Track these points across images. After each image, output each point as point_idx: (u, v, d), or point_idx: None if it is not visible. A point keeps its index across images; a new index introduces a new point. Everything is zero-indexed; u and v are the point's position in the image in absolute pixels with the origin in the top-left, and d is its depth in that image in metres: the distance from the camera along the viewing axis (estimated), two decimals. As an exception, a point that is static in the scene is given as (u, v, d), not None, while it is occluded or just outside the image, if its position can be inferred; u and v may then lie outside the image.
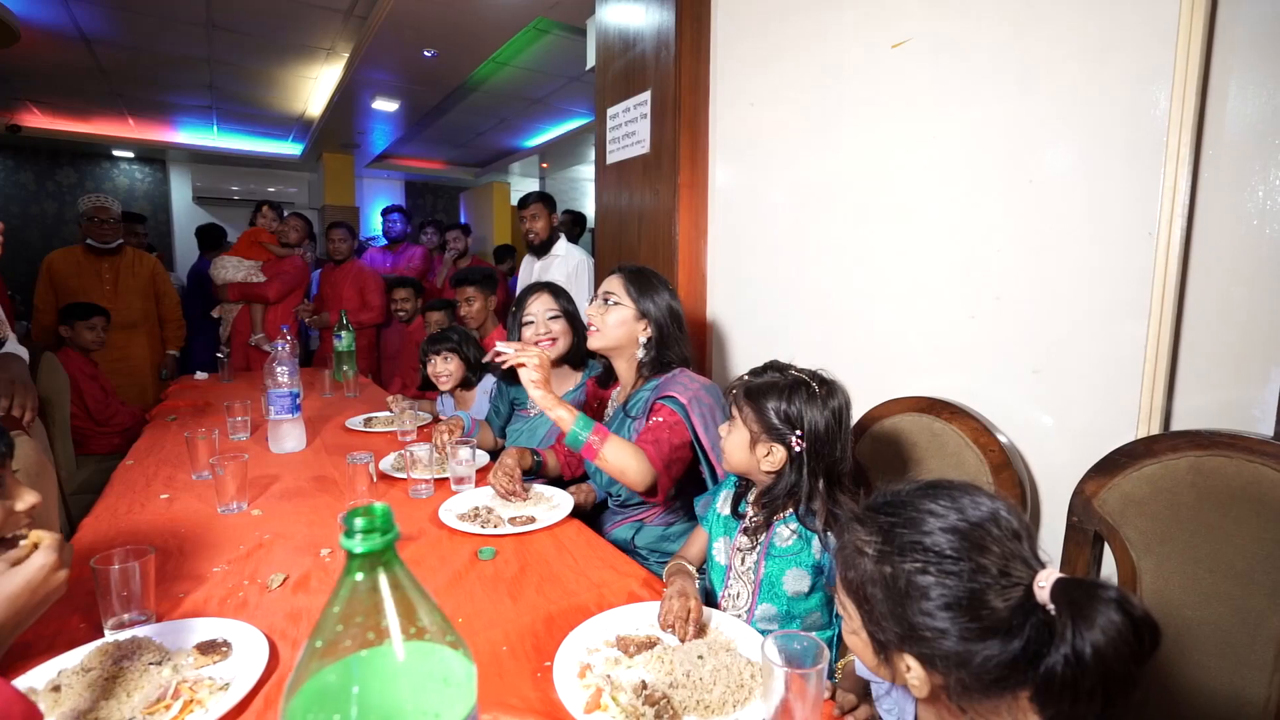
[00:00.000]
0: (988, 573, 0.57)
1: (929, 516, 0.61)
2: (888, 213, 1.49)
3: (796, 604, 1.03)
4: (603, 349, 1.46)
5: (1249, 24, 0.98)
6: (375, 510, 0.39)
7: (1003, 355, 1.28)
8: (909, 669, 0.60)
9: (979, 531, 0.59)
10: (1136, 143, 1.08)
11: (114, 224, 3.13)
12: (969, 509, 0.60)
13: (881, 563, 0.61)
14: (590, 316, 1.45)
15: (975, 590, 0.56)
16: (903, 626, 0.59)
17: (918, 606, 0.58)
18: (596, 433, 1.24)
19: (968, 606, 0.56)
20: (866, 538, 0.63)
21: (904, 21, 1.42)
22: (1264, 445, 0.90)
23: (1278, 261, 0.95)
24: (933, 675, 0.59)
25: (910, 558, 0.59)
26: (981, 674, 0.56)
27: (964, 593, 0.56)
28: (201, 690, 0.79)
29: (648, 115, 2.17)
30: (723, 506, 1.15)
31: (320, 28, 3.85)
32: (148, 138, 6.36)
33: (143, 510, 1.39)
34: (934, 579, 0.57)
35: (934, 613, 0.57)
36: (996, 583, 0.56)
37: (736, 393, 1.08)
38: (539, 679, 0.83)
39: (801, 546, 1.03)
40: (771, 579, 1.04)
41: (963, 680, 0.57)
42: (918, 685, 0.60)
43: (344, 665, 0.38)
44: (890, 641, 0.61)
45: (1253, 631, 0.89)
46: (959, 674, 0.57)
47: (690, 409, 1.30)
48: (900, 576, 0.59)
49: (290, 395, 1.83)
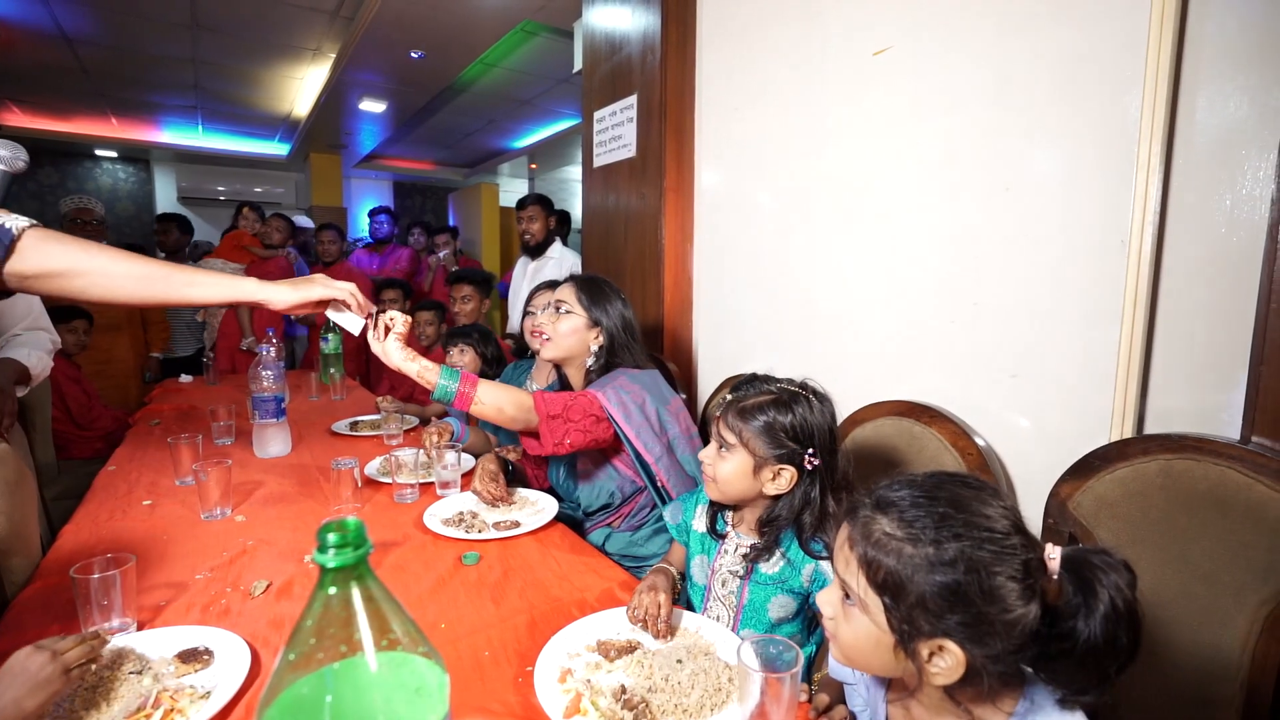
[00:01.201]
0: (1011, 539, 0.60)
1: (973, 501, 0.62)
2: (869, 218, 1.51)
3: (780, 629, 1.03)
4: (554, 359, 1.45)
5: (1216, 37, 1.01)
6: (348, 525, 0.40)
7: (981, 360, 1.30)
8: (937, 654, 0.60)
9: (1016, 513, 0.63)
10: (1109, 152, 1.10)
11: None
12: (990, 492, 0.64)
13: (919, 545, 0.60)
14: (542, 325, 1.44)
15: (1027, 563, 0.59)
16: (959, 610, 0.58)
17: (984, 586, 0.58)
18: (464, 382, 1.19)
19: (1022, 579, 0.58)
20: (894, 526, 0.63)
21: (884, 30, 1.44)
22: (1230, 449, 0.92)
23: (1245, 269, 0.98)
24: (969, 656, 0.59)
25: (970, 539, 0.59)
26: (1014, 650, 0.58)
27: (1020, 567, 0.59)
28: (182, 699, 0.79)
29: (634, 119, 2.18)
30: (698, 523, 1.13)
31: (306, 28, 3.83)
32: (131, 137, 6.30)
33: (124, 517, 1.38)
34: (998, 555, 0.59)
35: (1003, 588, 0.58)
36: (1022, 554, 0.59)
37: (730, 415, 1.00)
38: (520, 684, 0.84)
39: (790, 574, 0.99)
40: (755, 606, 1.02)
41: (993, 657, 0.59)
42: (947, 670, 0.60)
43: (317, 677, 0.39)
44: (925, 628, 0.60)
45: (1219, 630, 0.91)
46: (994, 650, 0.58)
47: (605, 399, 1.29)
48: (962, 559, 0.59)
49: (275, 399, 1.83)
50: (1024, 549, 0.60)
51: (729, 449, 1.00)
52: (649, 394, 1.35)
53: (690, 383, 2.14)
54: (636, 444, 1.31)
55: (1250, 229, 0.98)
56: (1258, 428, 0.93)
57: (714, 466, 1.02)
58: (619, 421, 1.30)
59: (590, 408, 1.29)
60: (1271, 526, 0.87)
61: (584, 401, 1.30)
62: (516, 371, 2.01)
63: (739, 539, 1.06)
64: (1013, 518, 0.62)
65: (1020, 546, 0.60)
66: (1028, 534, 0.62)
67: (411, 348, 1.18)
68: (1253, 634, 0.89)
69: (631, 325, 1.45)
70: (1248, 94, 0.98)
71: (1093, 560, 0.58)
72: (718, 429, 1.02)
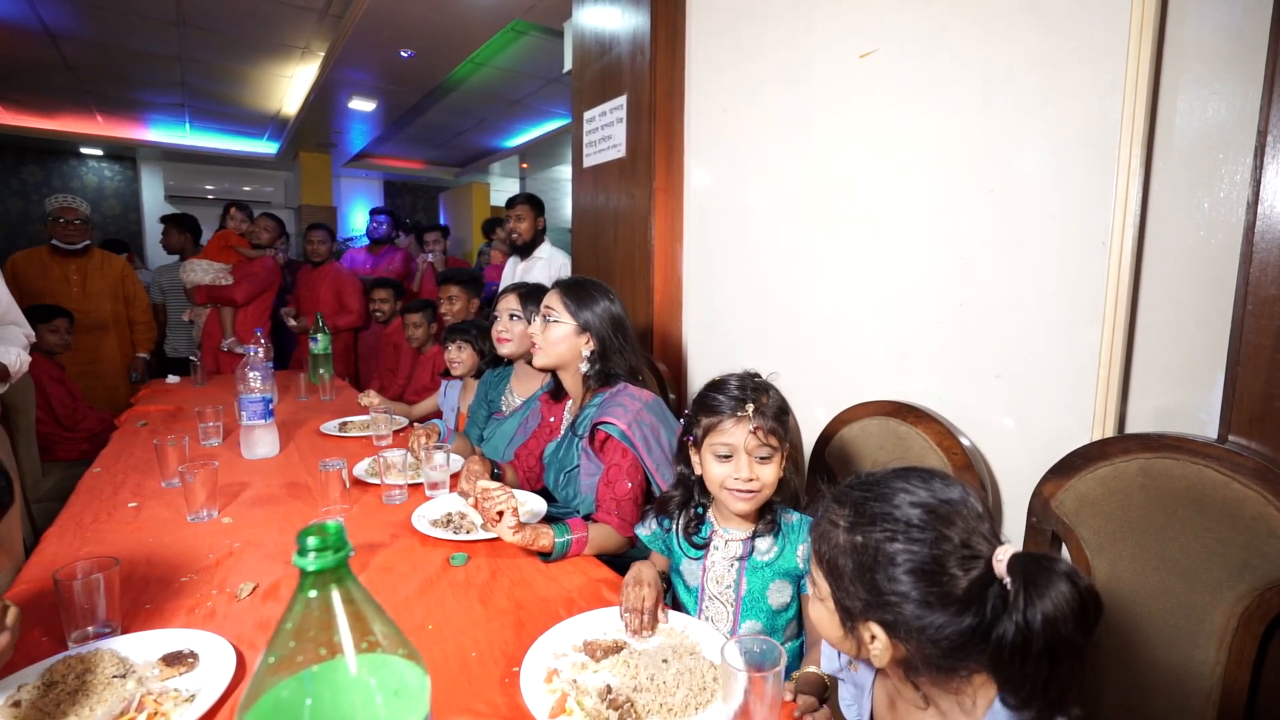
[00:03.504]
0: (950, 542, 0.61)
1: (900, 492, 0.65)
2: (856, 219, 1.52)
3: (780, 617, 1.04)
4: (546, 367, 1.47)
5: (1195, 42, 1.02)
6: (328, 528, 0.40)
7: (966, 360, 1.32)
8: (873, 638, 0.64)
9: (946, 507, 0.63)
10: (1090, 154, 1.12)
11: (81, 225, 3.07)
12: (939, 489, 0.65)
13: (853, 532, 0.65)
14: (532, 335, 1.46)
15: (938, 557, 0.60)
16: (870, 593, 0.62)
17: (885, 573, 0.61)
18: (574, 531, 1.22)
19: (930, 573, 0.60)
20: (840, 512, 0.67)
21: (871, 32, 1.45)
22: (1207, 448, 0.94)
23: (1222, 271, 0.99)
24: (895, 645, 0.62)
25: (880, 527, 0.63)
26: (940, 641, 0.60)
27: (928, 559, 0.60)
28: (166, 702, 0.78)
29: (624, 119, 2.18)
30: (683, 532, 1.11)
31: (294, 26, 3.81)
32: (117, 135, 6.23)
33: (109, 519, 1.37)
34: (901, 546, 0.61)
35: (899, 578, 0.61)
36: (957, 552, 0.60)
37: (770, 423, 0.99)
38: (506, 684, 0.84)
39: (785, 556, 1.03)
40: (755, 594, 1.03)
41: (923, 648, 0.61)
42: (879, 654, 0.63)
43: (297, 680, 0.39)
44: (857, 610, 0.64)
45: (1196, 626, 0.93)
46: (920, 641, 0.61)
47: (632, 435, 1.31)
48: (870, 545, 0.63)
49: (263, 400, 1.82)
50: (961, 546, 0.60)
51: (773, 453, 1.01)
52: (663, 426, 1.37)
53: (680, 382, 2.14)
54: (656, 476, 1.33)
55: (1228, 231, 0.99)
56: (1234, 427, 0.94)
57: (759, 478, 1.00)
58: (644, 458, 1.32)
59: (635, 471, 1.32)
60: (1247, 524, 0.89)
61: (631, 473, 1.32)
62: (496, 379, 2.00)
63: (728, 534, 1.07)
64: (964, 514, 0.62)
65: (957, 543, 0.60)
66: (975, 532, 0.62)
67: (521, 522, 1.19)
68: (1229, 629, 0.90)
69: (622, 324, 1.44)
70: (1225, 98, 0.99)
71: (1031, 569, 0.56)
72: (760, 439, 0.99)
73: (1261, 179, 0.90)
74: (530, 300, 1.79)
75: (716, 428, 1.01)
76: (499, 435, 1.84)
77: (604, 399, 1.39)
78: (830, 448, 1.48)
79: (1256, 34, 0.94)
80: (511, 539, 1.16)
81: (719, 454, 1.01)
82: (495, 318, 1.83)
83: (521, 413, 1.82)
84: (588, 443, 1.38)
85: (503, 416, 1.89)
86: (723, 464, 1.01)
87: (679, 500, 1.12)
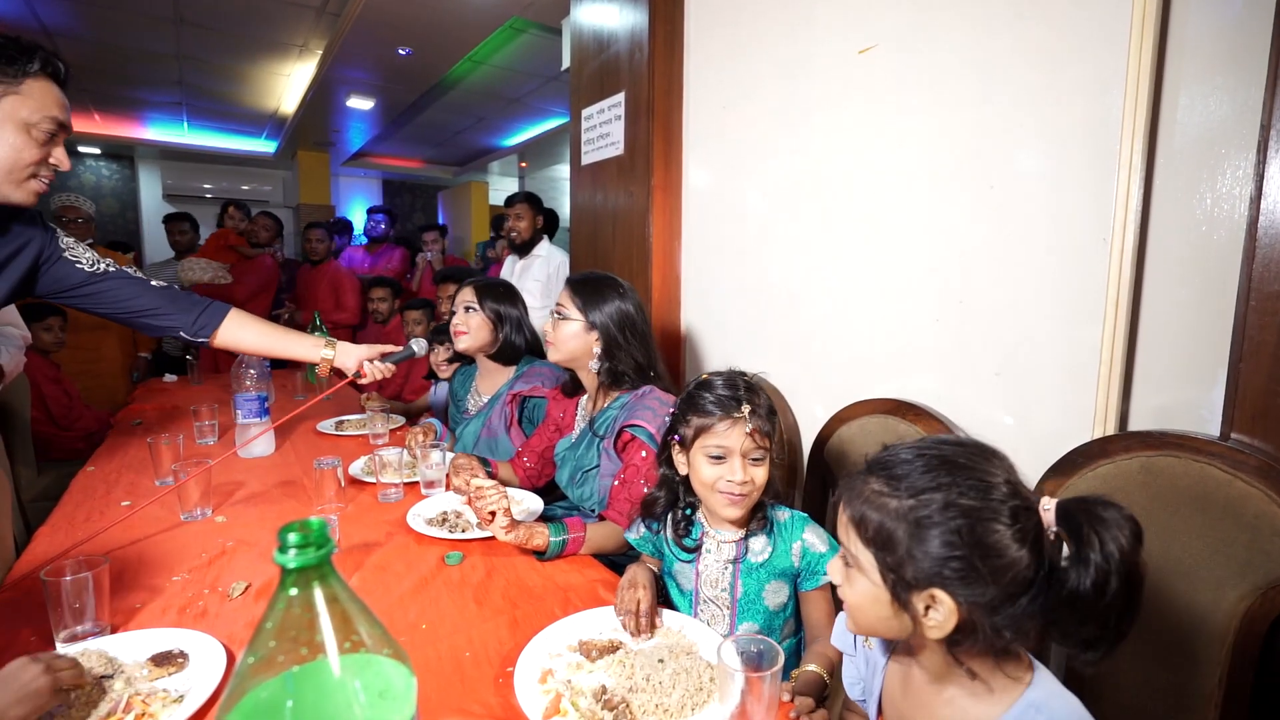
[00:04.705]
0: (999, 490, 0.60)
1: (930, 451, 0.64)
2: (855, 215, 1.50)
3: (777, 617, 1.03)
4: (560, 362, 1.47)
5: (1197, 37, 1.01)
6: (310, 524, 0.39)
7: (966, 358, 1.30)
8: (929, 608, 0.61)
9: (982, 461, 0.63)
10: (1091, 150, 1.10)
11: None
12: (970, 445, 0.65)
13: (905, 496, 0.62)
14: (545, 332, 1.46)
15: (994, 508, 0.59)
16: (930, 556, 0.60)
17: (944, 531, 0.59)
18: (572, 531, 1.21)
19: (991, 523, 0.59)
20: (881, 482, 0.65)
21: (870, 28, 1.44)
22: (1210, 445, 0.93)
23: (1225, 267, 0.98)
24: (959, 609, 0.60)
25: (928, 488, 0.61)
26: (1009, 599, 0.58)
27: (987, 511, 0.59)
28: (155, 703, 0.77)
29: (622, 116, 2.17)
30: (673, 535, 1.09)
31: (292, 24, 3.80)
32: (115, 134, 6.23)
33: (102, 518, 1.36)
34: (960, 500, 0.60)
35: (963, 532, 0.59)
36: (1009, 501, 0.60)
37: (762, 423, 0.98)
38: (500, 685, 0.83)
39: (779, 555, 1.01)
40: (751, 596, 1.02)
41: (989, 608, 0.59)
42: (940, 623, 0.61)
43: (278, 681, 0.38)
44: (918, 578, 0.61)
45: (1198, 625, 0.92)
46: (986, 600, 0.58)
47: (660, 438, 1.29)
48: (924, 506, 0.61)
49: (258, 399, 1.81)
50: (1011, 496, 0.60)
51: (765, 453, 1.00)
52: None
53: (678, 380, 2.13)
54: None
55: (1230, 227, 0.98)
56: (1237, 425, 0.93)
57: (752, 479, 0.99)
58: None
59: (644, 466, 1.29)
60: (1250, 523, 0.88)
61: (642, 469, 1.29)
62: (464, 378, 1.98)
63: (719, 535, 1.06)
64: (1004, 472, 0.62)
65: (1007, 494, 0.60)
66: (1020, 486, 0.62)
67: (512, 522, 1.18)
68: (1232, 628, 0.89)
69: (632, 322, 1.41)
70: (1227, 93, 0.98)
71: (1089, 510, 0.57)
72: (755, 441, 0.98)
73: (1264, 174, 0.89)
74: (487, 294, 1.78)
75: (710, 429, 0.99)
76: (466, 434, 1.83)
77: (629, 401, 1.38)
78: (829, 446, 1.47)
79: (1258, 28, 0.93)
80: (505, 538, 1.15)
81: (711, 455, 0.99)
82: (452, 311, 1.82)
83: (486, 411, 1.81)
84: (610, 444, 1.37)
85: (469, 416, 1.88)
86: (715, 465, 0.99)
87: (664, 502, 1.10)
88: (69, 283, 1.31)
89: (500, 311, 1.78)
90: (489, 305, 1.77)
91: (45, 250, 1.28)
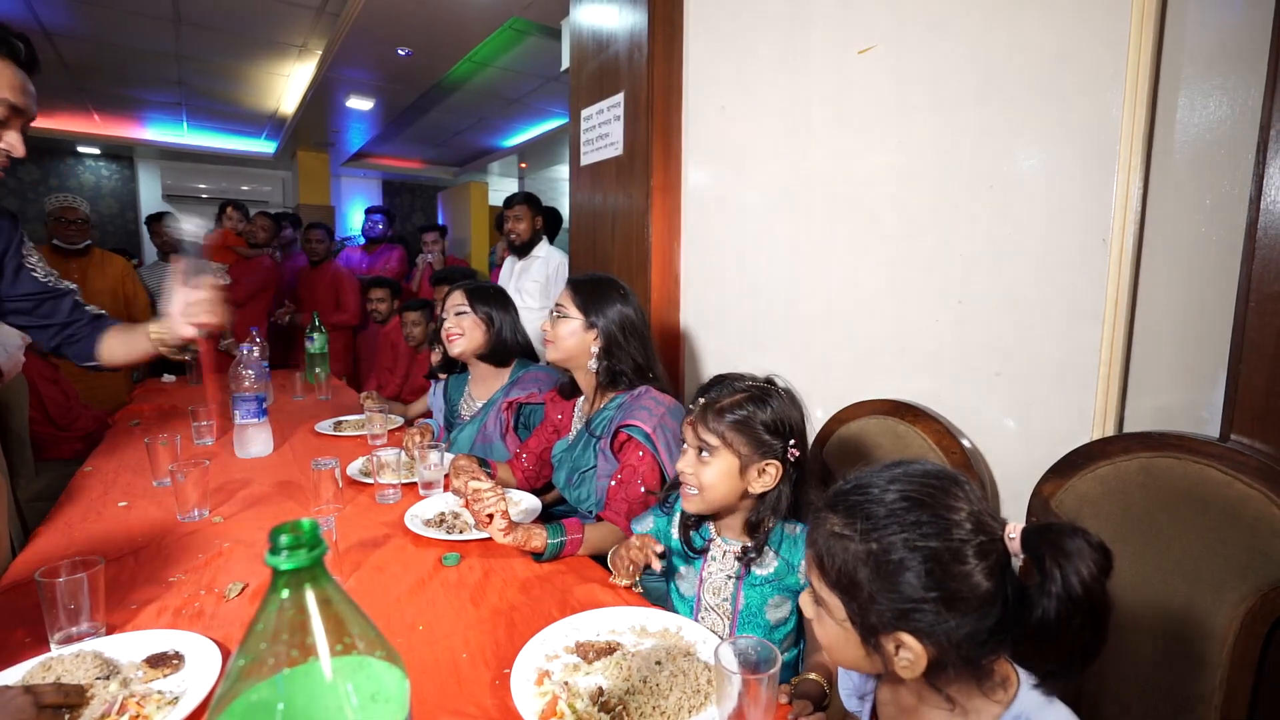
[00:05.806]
0: (962, 529, 0.59)
1: (892, 487, 0.62)
2: (855, 216, 1.50)
3: (777, 631, 1.02)
4: (558, 361, 1.47)
5: (1196, 38, 1.01)
6: (301, 525, 0.38)
7: (966, 359, 1.30)
8: (902, 647, 0.60)
9: (944, 496, 0.61)
10: (1091, 150, 1.10)
11: (81, 224, 3.06)
12: (932, 477, 0.63)
13: (866, 540, 0.61)
14: (544, 330, 1.46)
15: (955, 549, 0.58)
16: (895, 600, 0.59)
17: (909, 574, 0.58)
18: (570, 532, 1.20)
19: (953, 565, 0.57)
20: (842, 521, 0.63)
21: (869, 28, 1.44)
22: (1209, 446, 0.92)
23: (1224, 268, 0.98)
24: (928, 648, 0.59)
25: (889, 529, 0.60)
26: (976, 634, 0.58)
27: (945, 552, 0.58)
28: (149, 705, 0.77)
29: (621, 117, 2.17)
30: (675, 531, 1.10)
31: (292, 24, 3.79)
32: (114, 134, 6.23)
33: (99, 519, 1.35)
34: (919, 542, 0.58)
35: (924, 576, 0.58)
36: (973, 539, 0.58)
37: (710, 417, 0.98)
38: (497, 686, 0.82)
39: (786, 571, 1.00)
40: (752, 609, 1.01)
41: (957, 646, 0.58)
42: (911, 663, 0.60)
43: (269, 684, 0.37)
44: (882, 623, 0.60)
45: (1199, 628, 0.92)
46: (953, 639, 0.58)
47: (656, 438, 1.30)
48: (886, 550, 0.59)
49: (256, 399, 1.80)
50: (975, 532, 0.59)
51: (711, 452, 0.98)
52: None
53: (677, 382, 2.13)
54: None
55: (1229, 228, 0.98)
56: (1237, 426, 0.93)
57: (696, 475, 0.99)
58: (665, 463, 1.30)
59: (653, 474, 1.30)
60: (1250, 524, 0.87)
61: (649, 477, 1.30)
62: (457, 383, 1.97)
63: (726, 544, 1.05)
64: (968, 504, 0.61)
65: (971, 532, 0.59)
66: (984, 516, 0.60)
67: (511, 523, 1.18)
68: (1232, 630, 0.89)
69: (632, 325, 1.42)
70: (1227, 94, 0.98)
71: (1053, 540, 0.56)
72: (696, 434, 1.00)
73: (1264, 174, 0.89)
74: (478, 297, 1.78)
75: (685, 419, 1.04)
76: (461, 440, 1.83)
77: (624, 401, 1.38)
78: (828, 447, 1.47)
79: (1259, 29, 0.93)
80: (503, 540, 1.15)
81: (684, 444, 1.04)
82: (443, 317, 1.81)
83: (481, 417, 1.80)
84: (607, 444, 1.36)
85: (464, 421, 1.87)
86: (683, 455, 1.03)
87: (676, 496, 1.12)
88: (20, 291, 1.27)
89: (492, 313, 1.78)
90: (480, 307, 1.77)
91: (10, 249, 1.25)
